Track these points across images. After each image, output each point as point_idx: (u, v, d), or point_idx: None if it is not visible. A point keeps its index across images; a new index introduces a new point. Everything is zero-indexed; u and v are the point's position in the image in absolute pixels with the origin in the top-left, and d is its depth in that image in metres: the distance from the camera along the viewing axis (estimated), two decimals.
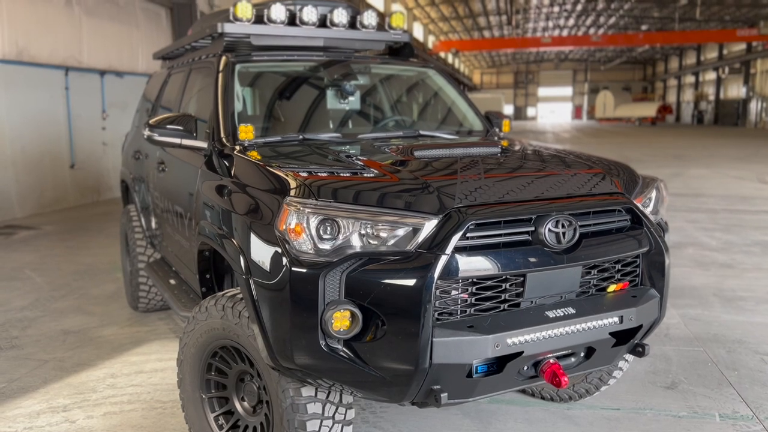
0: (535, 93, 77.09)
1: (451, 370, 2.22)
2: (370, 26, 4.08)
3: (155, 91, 5.09)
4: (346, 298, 2.20)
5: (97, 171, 12.32)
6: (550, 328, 2.31)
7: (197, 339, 2.81)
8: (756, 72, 43.72)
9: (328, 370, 2.29)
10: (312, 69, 3.98)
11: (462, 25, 47.01)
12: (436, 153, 2.90)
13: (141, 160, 4.90)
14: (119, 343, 4.60)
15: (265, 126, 3.61)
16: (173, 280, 4.19)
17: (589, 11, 42.78)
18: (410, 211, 2.27)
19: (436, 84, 4.31)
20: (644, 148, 24.21)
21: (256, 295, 2.39)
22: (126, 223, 5.26)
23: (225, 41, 3.77)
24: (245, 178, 2.78)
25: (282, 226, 2.28)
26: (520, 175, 2.66)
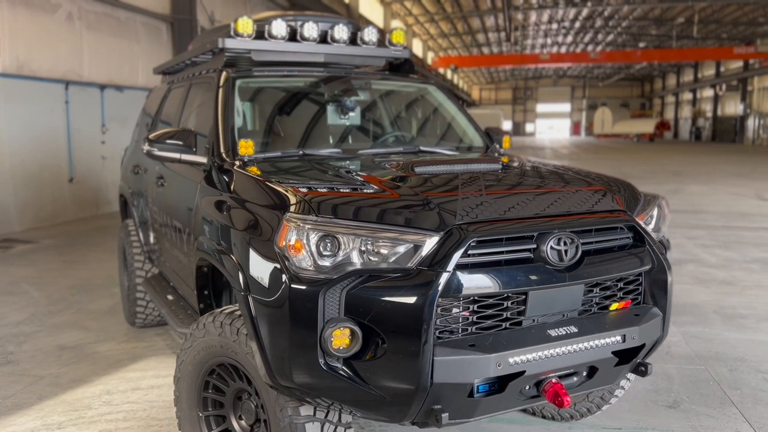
0: (534, 109, 77.46)
1: (453, 390, 2.19)
2: (371, 42, 4.09)
3: (155, 106, 5.09)
4: (345, 316, 2.18)
5: (96, 185, 12.31)
6: (553, 347, 2.29)
7: (195, 356, 2.77)
8: (753, 89, 43.98)
9: (327, 389, 2.26)
10: (312, 84, 3.98)
11: (461, 41, 47.32)
12: (437, 169, 2.89)
13: (140, 174, 4.89)
14: (116, 359, 4.56)
15: (265, 141, 3.60)
16: (171, 296, 4.16)
17: (587, 28, 43.09)
18: (411, 227, 2.25)
19: (436, 100, 4.31)
20: (643, 165, 24.26)
21: (255, 312, 2.36)
22: (124, 238, 5.24)
23: (225, 56, 3.77)
24: (245, 193, 2.77)
25: (282, 242, 2.26)
26: (521, 192, 2.64)
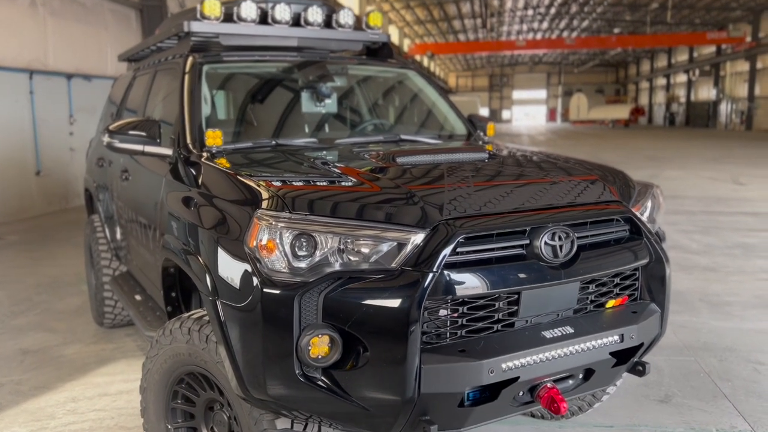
0: (510, 96, 77.48)
1: (442, 400, 2.02)
2: (347, 25, 3.87)
3: (120, 95, 4.83)
4: (324, 322, 1.99)
5: (65, 178, 11.91)
6: (548, 350, 2.12)
7: (161, 365, 2.57)
8: (725, 74, 44.41)
9: (304, 401, 2.07)
10: (285, 70, 3.76)
11: (437, 28, 47.02)
12: (420, 159, 2.70)
13: (104, 167, 4.63)
14: (82, 363, 4.32)
15: (235, 131, 3.38)
16: (139, 296, 3.93)
17: (562, 14, 43.09)
18: (394, 224, 2.06)
19: (416, 85, 4.11)
20: (619, 150, 24.35)
21: (224, 319, 2.16)
22: (90, 234, 4.98)
23: (192, 41, 3.53)
24: (212, 187, 2.55)
25: (252, 242, 2.06)
26: (511, 183, 2.47)
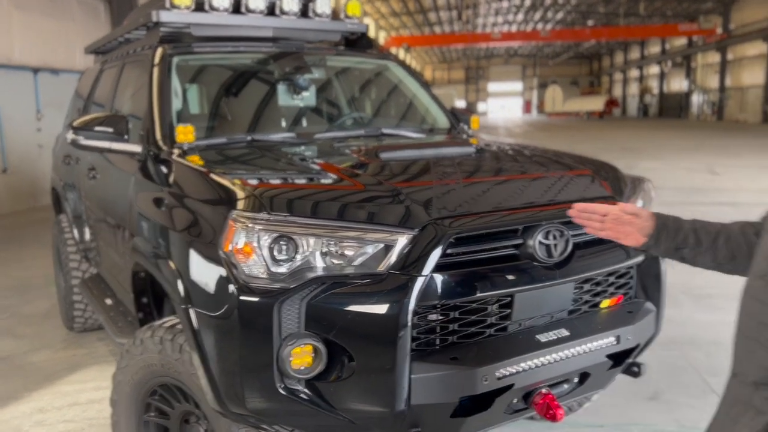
0: (486, 88, 77.56)
1: (433, 411, 1.91)
2: (324, 15, 3.72)
3: (87, 89, 4.62)
4: (307, 331, 1.85)
5: (33, 175, 11.55)
6: (543, 354, 2.02)
7: (132, 376, 2.41)
8: (697, 66, 44.92)
9: (286, 415, 1.94)
10: (261, 62, 3.59)
11: (413, 20, 46.81)
12: (405, 154, 2.57)
13: (71, 165, 4.42)
14: (51, 371, 4.13)
15: (208, 126, 3.21)
16: (109, 300, 3.75)
17: (537, 7, 43.19)
18: (380, 224, 1.93)
19: (396, 77, 3.97)
20: (595, 142, 24.49)
21: (198, 328, 2.01)
22: (57, 235, 4.76)
23: (161, 31, 3.35)
24: (184, 187, 2.40)
25: (227, 246, 1.91)
26: (501, 179, 2.36)
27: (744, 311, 1.36)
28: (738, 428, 1.33)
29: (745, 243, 1.57)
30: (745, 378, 1.33)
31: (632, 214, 1.60)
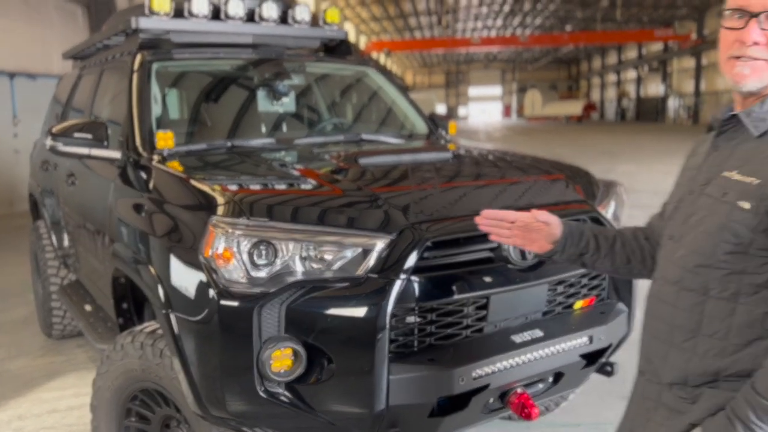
0: (466, 93, 78.04)
1: (411, 411, 1.95)
2: (303, 21, 3.75)
3: (65, 95, 4.60)
4: (286, 334, 1.89)
5: (10, 181, 11.41)
6: (518, 354, 2.07)
7: (113, 381, 2.42)
8: (673, 71, 45.66)
9: (267, 417, 1.97)
10: (240, 68, 3.62)
11: (393, 25, 46.99)
12: (383, 160, 2.61)
13: (49, 171, 4.40)
14: (30, 378, 4.10)
15: (187, 132, 3.22)
16: (89, 306, 3.74)
17: (516, 12, 43.60)
18: (358, 229, 1.98)
19: (375, 83, 4.02)
20: (574, 145, 24.77)
21: (179, 332, 2.04)
22: (35, 242, 4.73)
23: (140, 38, 3.36)
24: (164, 193, 2.42)
25: (207, 251, 1.94)
26: (477, 184, 2.41)
27: (653, 314, 1.41)
28: (651, 426, 1.39)
29: (637, 248, 1.63)
30: (659, 378, 1.39)
31: (544, 222, 1.63)
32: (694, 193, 1.39)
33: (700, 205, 1.35)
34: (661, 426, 1.37)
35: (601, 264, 1.66)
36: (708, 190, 1.34)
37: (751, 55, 1.28)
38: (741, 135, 1.34)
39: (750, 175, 1.26)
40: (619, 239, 1.64)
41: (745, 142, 1.32)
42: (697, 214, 1.34)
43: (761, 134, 1.30)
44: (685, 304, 1.32)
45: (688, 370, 1.31)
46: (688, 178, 1.45)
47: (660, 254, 1.47)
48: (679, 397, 1.33)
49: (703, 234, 1.30)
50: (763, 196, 1.22)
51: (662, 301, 1.36)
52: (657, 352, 1.36)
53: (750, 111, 1.32)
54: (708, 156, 1.40)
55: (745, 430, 1.19)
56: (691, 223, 1.36)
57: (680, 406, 1.33)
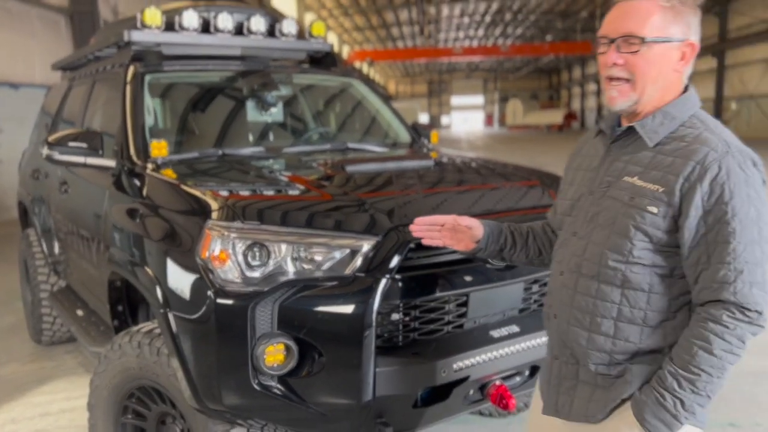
0: (449, 102, 78.59)
1: (396, 402, 2.08)
2: (290, 34, 3.89)
3: (55, 105, 4.68)
4: (279, 331, 2.01)
5: None
6: (496, 348, 2.21)
7: (110, 380, 2.52)
8: None
9: (260, 409, 2.09)
10: (230, 79, 3.75)
11: (376, 35, 47.32)
12: (369, 167, 2.75)
13: (40, 179, 4.48)
14: (21, 382, 4.16)
15: (179, 141, 3.34)
16: (81, 311, 3.82)
17: (497, 22, 44.12)
18: (346, 231, 2.11)
19: (360, 94, 4.16)
20: (555, 153, 25.08)
21: (177, 331, 2.15)
22: (25, 249, 4.80)
23: (132, 50, 3.48)
24: (160, 199, 2.53)
25: (204, 253, 2.06)
26: (457, 190, 2.56)
27: (572, 304, 1.56)
28: (578, 402, 1.56)
29: (547, 240, 1.82)
30: (576, 360, 1.56)
31: (467, 226, 1.80)
32: (595, 194, 1.56)
33: (605, 206, 1.52)
34: (589, 402, 1.54)
35: (518, 257, 1.84)
36: (611, 193, 1.52)
37: (614, 74, 1.48)
38: (634, 144, 1.52)
39: (653, 183, 1.44)
40: (531, 234, 1.84)
41: (642, 151, 1.50)
42: (604, 214, 1.51)
43: (656, 144, 1.48)
44: (605, 295, 1.49)
45: (612, 351, 1.49)
46: (583, 179, 1.63)
47: (563, 249, 1.63)
48: (600, 374, 1.51)
49: (617, 234, 1.47)
50: (670, 203, 1.41)
51: (581, 293, 1.53)
52: (578, 339, 1.53)
53: (644, 124, 1.50)
54: (604, 161, 1.58)
55: (673, 399, 1.39)
56: (599, 222, 1.52)
57: (604, 382, 1.51)
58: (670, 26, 1.45)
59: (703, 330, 1.38)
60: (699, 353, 1.37)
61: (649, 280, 1.46)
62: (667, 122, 1.49)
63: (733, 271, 1.36)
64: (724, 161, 1.39)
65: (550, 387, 1.66)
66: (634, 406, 1.45)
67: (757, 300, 1.37)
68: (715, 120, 1.52)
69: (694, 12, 1.48)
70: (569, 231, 1.62)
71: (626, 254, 1.46)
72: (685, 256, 1.43)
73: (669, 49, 1.46)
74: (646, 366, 1.47)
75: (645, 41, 1.44)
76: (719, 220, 1.38)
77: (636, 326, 1.48)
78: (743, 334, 1.37)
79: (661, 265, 1.45)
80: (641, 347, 1.48)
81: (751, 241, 1.37)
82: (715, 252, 1.38)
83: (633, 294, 1.47)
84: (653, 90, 1.48)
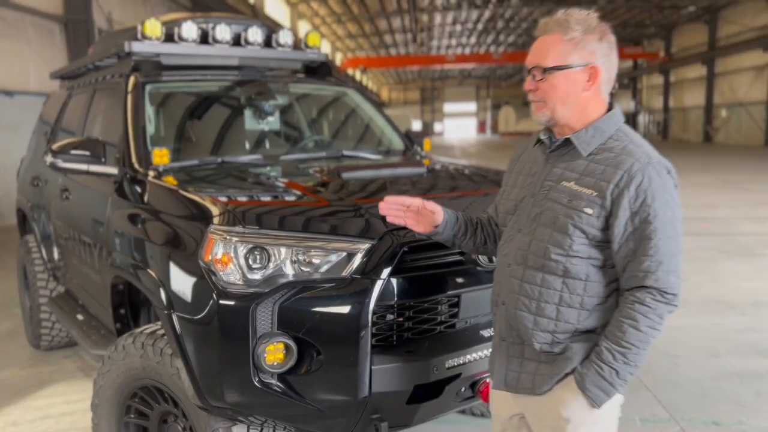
0: (441, 109, 78.90)
1: (391, 398, 2.17)
2: (286, 45, 4.00)
3: (54, 113, 4.77)
4: (279, 330, 2.10)
5: None
6: (486, 347, 2.31)
7: (114, 380, 2.60)
8: (642, 87, 46.88)
9: (261, 406, 2.18)
10: (228, 88, 3.85)
11: (369, 42, 47.55)
12: (364, 174, 2.86)
13: (40, 186, 4.56)
14: (20, 386, 4.23)
15: (180, 149, 3.44)
16: (81, 315, 3.90)
17: (489, 30, 44.41)
18: (343, 235, 2.21)
19: (355, 103, 4.27)
20: None
21: (181, 331, 2.24)
22: (24, 255, 4.87)
23: (133, 60, 3.58)
24: (163, 205, 2.63)
25: (207, 256, 2.15)
26: (448, 195, 2.66)
27: (518, 292, 1.77)
28: (525, 376, 1.79)
29: (491, 232, 2.04)
30: (522, 340, 1.79)
31: (431, 210, 1.99)
32: (537, 196, 1.79)
33: (547, 207, 1.75)
34: (535, 376, 1.78)
35: (466, 244, 2.06)
36: (551, 196, 1.75)
37: (530, 98, 1.78)
38: (570, 153, 1.76)
39: (588, 188, 1.68)
40: (480, 225, 2.06)
41: (577, 160, 1.74)
42: (546, 214, 1.74)
43: (588, 154, 1.72)
44: (549, 284, 1.73)
45: (555, 332, 1.73)
46: (525, 183, 1.87)
47: (509, 244, 1.84)
48: (544, 352, 1.75)
49: (559, 232, 1.70)
50: (603, 205, 1.65)
51: (527, 282, 1.76)
52: (525, 322, 1.76)
53: (578, 136, 1.74)
54: (544, 167, 1.81)
55: (609, 369, 1.65)
56: (542, 221, 1.75)
57: (547, 358, 1.75)
58: (569, 55, 1.70)
59: (631, 311, 1.63)
60: (629, 330, 1.62)
61: (586, 270, 1.70)
62: (598, 135, 1.74)
63: (655, 263, 1.62)
64: (646, 171, 1.64)
65: (498, 365, 1.87)
66: (577, 378, 1.69)
67: (674, 285, 1.63)
68: (636, 133, 1.77)
69: (600, 38, 1.72)
70: (514, 228, 1.84)
71: (567, 248, 1.69)
72: (615, 250, 1.67)
73: (571, 74, 1.71)
74: (584, 344, 1.72)
75: (546, 70, 1.72)
76: (644, 220, 1.63)
77: (575, 310, 1.72)
78: (662, 312, 1.64)
79: (596, 258, 1.70)
80: (579, 327, 1.72)
81: (668, 237, 1.63)
82: (640, 246, 1.63)
83: (572, 282, 1.71)
84: (564, 108, 1.73)
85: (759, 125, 30.06)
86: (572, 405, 1.71)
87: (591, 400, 1.68)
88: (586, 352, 1.71)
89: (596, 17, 1.74)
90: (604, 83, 1.75)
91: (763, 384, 3.98)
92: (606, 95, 1.78)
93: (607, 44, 1.73)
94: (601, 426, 1.74)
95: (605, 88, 1.76)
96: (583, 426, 1.72)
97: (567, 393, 1.72)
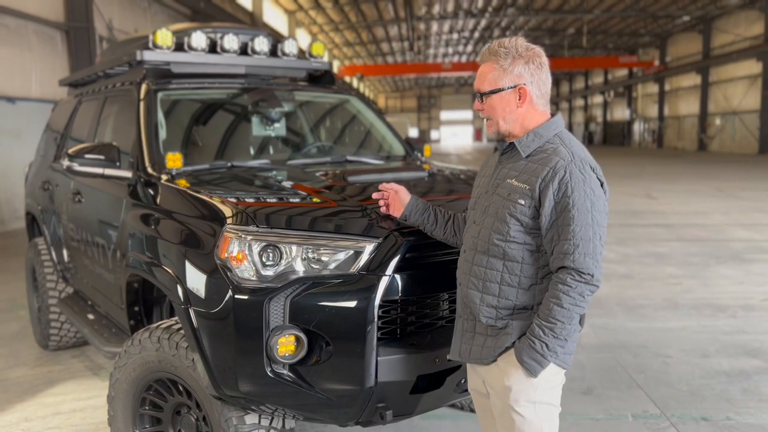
0: (438, 116, 79.33)
1: (396, 387, 2.30)
2: (291, 54, 4.15)
3: (64, 120, 4.90)
4: (290, 323, 2.24)
5: None
6: None
7: (130, 373, 2.73)
8: (637, 96, 47.20)
9: (273, 396, 2.31)
10: (236, 96, 3.99)
11: (366, 50, 47.86)
12: (368, 178, 3.00)
13: (50, 190, 4.69)
14: (31, 385, 4.34)
15: (190, 154, 3.58)
16: (92, 315, 4.02)
17: (486, 38, 44.76)
18: (351, 234, 2.35)
19: (357, 110, 4.43)
20: None
21: (197, 324, 2.37)
22: (34, 257, 4.99)
23: (145, 69, 3.72)
24: (177, 207, 2.76)
25: (223, 254, 2.29)
26: (446, 198, 2.81)
27: (471, 274, 2.05)
28: (476, 348, 2.06)
29: (463, 225, 2.28)
30: (473, 317, 2.06)
31: (401, 198, 2.38)
32: (488, 192, 2.08)
33: (493, 201, 2.04)
34: (483, 348, 2.04)
35: (436, 233, 2.36)
36: (498, 191, 2.04)
37: (481, 116, 2.09)
38: (515, 156, 2.06)
39: (523, 183, 1.96)
40: (452, 219, 2.36)
41: (519, 161, 2.03)
42: (492, 206, 2.03)
43: (527, 156, 2.01)
44: (492, 265, 2.01)
45: (497, 307, 2.01)
46: (483, 183, 2.15)
47: (466, 234, 2.14)
48: (489, 326, 2.02)
49: (499, 220, 1.99)
50: (533, 197, 1.93)
51: (476, 265, 2.04)
52: (474, 299, 2.04)
53: (520, 141, 2.04)
54: (496, 168, 2.11)
55: (540, 343, 1.91)
56: (489, 212, 2.04)
57: (492, 332, 2.02)
58: (500, 80, 2.01)
59: (555, 290, 1.89)
60: (554, 307, 1.88)
61: (521, 254, 1.98)
62: (537, 139, 2.03)
63: (572, 246, 1.87)
64: (569, 167, 1.92)
65: (455, 338, 2.15)
66: (516, 351, 1.95)
67: (589, 266, 1.87)
68: (572, 137, 2.05)
69: (526, 62, 2.00)
70: (471, 220, 2.14)
71: (505, 234, 1.98)
72: (543, 236, 1.94)
73: (504, 95, 2.02)
74: (522, 321, 1.99)
75: (484, 94, 2.05)
76: (564, 209, 1.89)
77: (513, 288, 2.00)
78: (583, 291, 1.87)
79: (530, 243, 1.98)
80: (517, 304, 2.00)
81: (585, 224, 1.88)
82: (561, 232, 1.89)
83: (511, 264, 1.99)
84: (505, 123, 2.05)
85: (753, 133, 30.36)
86: (513, 375, 1.97)
87: (527, 371, 1.93)
88: (523, 329, 1.97)
89: (524, 43, 2.03)
90: (538, 98, 2.03)
91: (750, 382, 4.12)
92: (543, 107, 2.06)
93: (534, 65, 2.01)
94: (540, 393, 1.98)
95: (540, 102, 2.04)
96: (523, 393, 1.97)
97: (508, 365, 1.98)
